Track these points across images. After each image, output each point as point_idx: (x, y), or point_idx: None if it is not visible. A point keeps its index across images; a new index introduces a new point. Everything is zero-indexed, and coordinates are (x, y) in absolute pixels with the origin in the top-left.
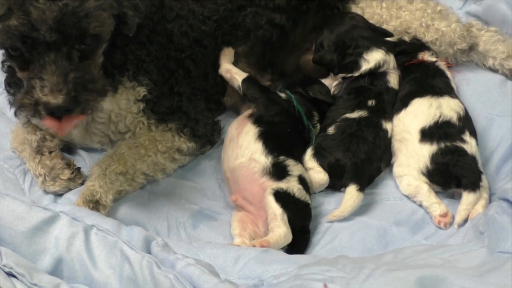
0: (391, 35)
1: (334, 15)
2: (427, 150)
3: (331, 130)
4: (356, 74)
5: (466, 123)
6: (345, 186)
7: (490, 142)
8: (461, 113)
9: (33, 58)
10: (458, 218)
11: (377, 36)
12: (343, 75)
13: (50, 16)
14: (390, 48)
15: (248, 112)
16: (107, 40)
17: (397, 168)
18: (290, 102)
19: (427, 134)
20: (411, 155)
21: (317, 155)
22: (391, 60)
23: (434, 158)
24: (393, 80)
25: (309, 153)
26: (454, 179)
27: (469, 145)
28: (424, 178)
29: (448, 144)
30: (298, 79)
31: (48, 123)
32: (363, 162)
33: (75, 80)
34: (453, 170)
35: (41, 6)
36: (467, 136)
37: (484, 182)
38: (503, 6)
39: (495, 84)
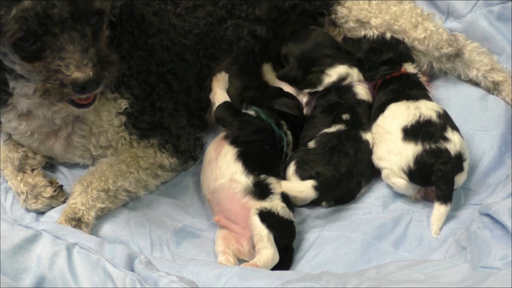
0: (354, 55)
1: (300, 29)
2: (411, 151)
3: (311, 144)
4: (320, 88)
5: (446, 120)
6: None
7: (472, 156)
8: (440, 111)
9: (47, 43)
10: (434, 229)
11: (341, 53)
12: (307, 90)
13: None
14: (354, 62)
15: (224, 133)
16: (106, 22)
17: (378, 161)
18: (260, 117)
19: (410, 133)
20: (392, 152)
21: (299, 170)
22: (354, 73)
23: (418, 159)
24: (361, 91)
25: (291, 168)
26: None
27: (452, 142)
28: (403, 175)
29: (433, 146)
30: (269, 92)
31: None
32: (342, 175)
33: (96, 53)
34: (432, 177)
35: None
36: (449, 133)
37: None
38: (483, 23)
39: (476, 98)
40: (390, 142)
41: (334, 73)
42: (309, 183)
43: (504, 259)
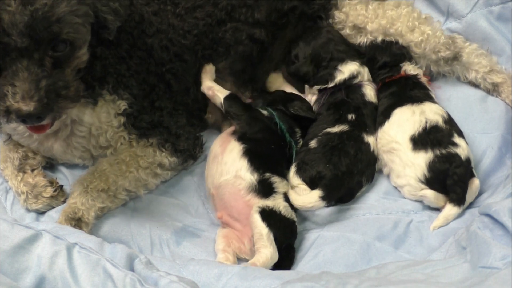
0: (363, 53)
1: (310, 28)
2: (422, 159)
3: (313, 143)
4: (331, 84)
5: (452, 125)
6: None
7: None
8: (445, 116)
9: (5, 65)
10: (435, 223)
11: (351, 50)
12: (318, 87)
13: (21, 20)
14: (365, 61)
15: (231, 129)
16: (84, 47)
17: (396, 180)
18: (272, 119)
19: (418, 142)
20: (406, 165)
21: (300, 171)
22: (365, 72)
23: (431, 166)
24: (369, 92)
25: (292, 170)
26: None
27: (461, 147)
28: (423, 186)
29: (443, 151)
30: (278, 96)
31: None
32: (343, 174)
33: (47, 87)
34: (447, 181)
35: (12, 10)
36: (456, 138)
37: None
38: (483, 24)
39: (476, 100)
40: (401, 153)
41: (346, 70)
42: (316, 194)
43: (504, 259)
